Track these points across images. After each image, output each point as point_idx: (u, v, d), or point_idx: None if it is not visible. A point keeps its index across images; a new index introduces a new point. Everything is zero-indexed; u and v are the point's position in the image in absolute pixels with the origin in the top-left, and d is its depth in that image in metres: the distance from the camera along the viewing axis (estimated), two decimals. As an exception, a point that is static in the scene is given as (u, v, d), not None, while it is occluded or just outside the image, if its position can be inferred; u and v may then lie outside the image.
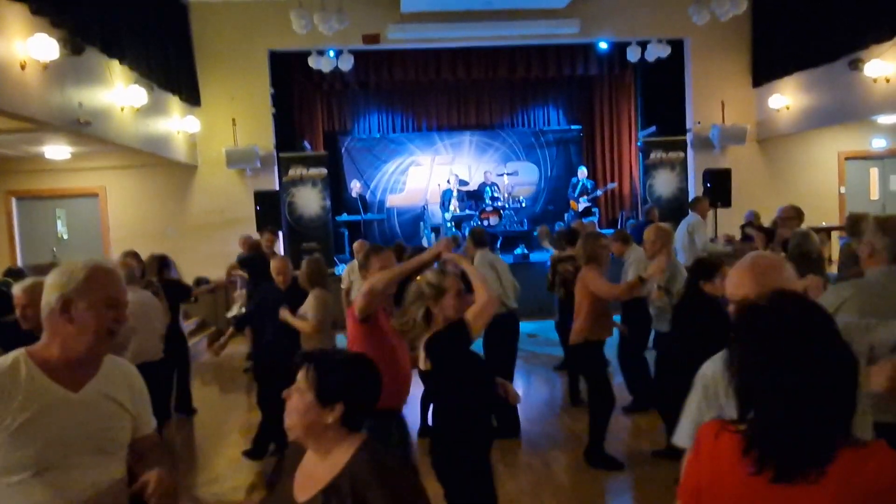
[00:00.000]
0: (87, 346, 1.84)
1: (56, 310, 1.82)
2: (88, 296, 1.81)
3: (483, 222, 12.72)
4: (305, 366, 1.71)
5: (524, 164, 14.37)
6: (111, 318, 1.85)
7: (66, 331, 1.83)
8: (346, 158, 14.08)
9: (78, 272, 1.83)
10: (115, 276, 1.88)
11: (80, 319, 1.82)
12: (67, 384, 1.84)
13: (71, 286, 1.82)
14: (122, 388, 1.96)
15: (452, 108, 14.44)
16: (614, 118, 14.24)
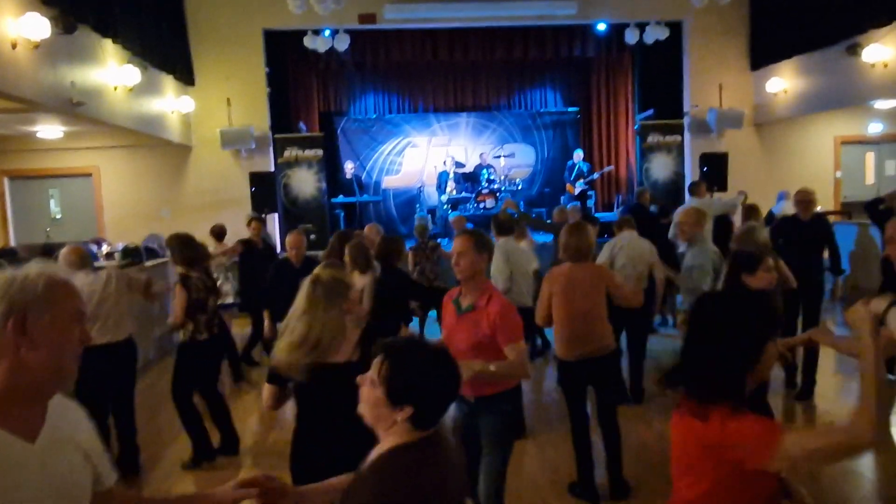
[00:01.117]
0: (51, 373, 1.48)
1: (6, 328, 1.44)
2: (51, 308, 1.47)
3: (479, 205, 12.78)
4: (381, 357, 1.64)
5: (521, 147, 14.37)
6: (79, 334, 1.53)
7: (20, 355, 1.45)
8: (342, 139, 14.07)
9: (34, 280, 1.49)
10: (75, 287, 1.57)
11: (43, 338, 1.46)
12: (20, 430, 1.45)
13: (27, 297, 1.46)
14: (81, 428, 1.61)
15: (449, 89, 14.38)
16: (611, 101, 14.20)
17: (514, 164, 13.81)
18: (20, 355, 1.45)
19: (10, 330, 1.44)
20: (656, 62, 12.39)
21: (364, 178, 13.61)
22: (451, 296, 3.23)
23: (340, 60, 12.74)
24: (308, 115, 13.30)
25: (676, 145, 12.09)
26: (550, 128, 14.46)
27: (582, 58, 13.52)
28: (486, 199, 12.85)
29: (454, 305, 3.16)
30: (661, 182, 12.09)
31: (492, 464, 3.14)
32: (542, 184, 14.36)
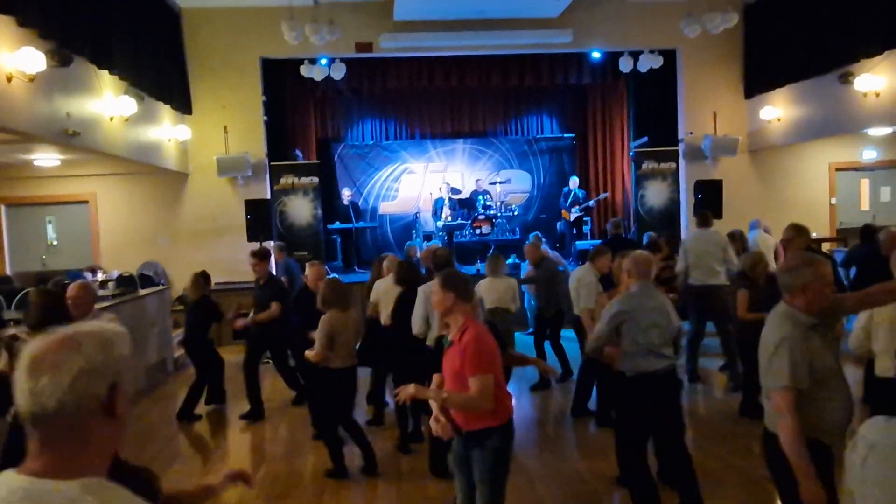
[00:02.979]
0: (116, 448, 1.36)
1: (101, 405, 1.28)
2: (129, 371, 1.35)
3: (475, 231, 12.84)
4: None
5: (517, 173, 14.38)
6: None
7: (105, 435, 1.30)
8: (339, 165, 14.07)
9: (122, 340, 1.35)
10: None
11: (122, 406, 1.31)
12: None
13: (120, 364, 1.31)
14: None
15: (445, 116, 14.44)
16: (607, 127, 14.24)
17: (510, 189, 13.82)
18: (106, 439, 1.30)
19: (103, 410, 1.28)
20: (651, 90, 12.42)
21: (361, 204, 13.62)
22: (441, 332, 3.46)
23: (337, 88, 12.79)
24: (305, 142, 13.33)
25: (671, 172, 12.12)
26: (546, 154, 14.48)
27: (577, 85, 13.55)
28: (483, 225, 12.90)
29: (444, 343, 3.34)
30: (657, 209, 12.09)
31: (483, 498, 3.21)
32: (538, 210, 14.36)
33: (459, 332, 3.18)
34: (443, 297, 3.23)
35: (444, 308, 3.24)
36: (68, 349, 1.26)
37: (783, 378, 2.76)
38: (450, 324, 3.26)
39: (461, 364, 3.12)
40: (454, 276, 3.34)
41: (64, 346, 1.26)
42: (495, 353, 3.15)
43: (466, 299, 3.24)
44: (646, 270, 4.16)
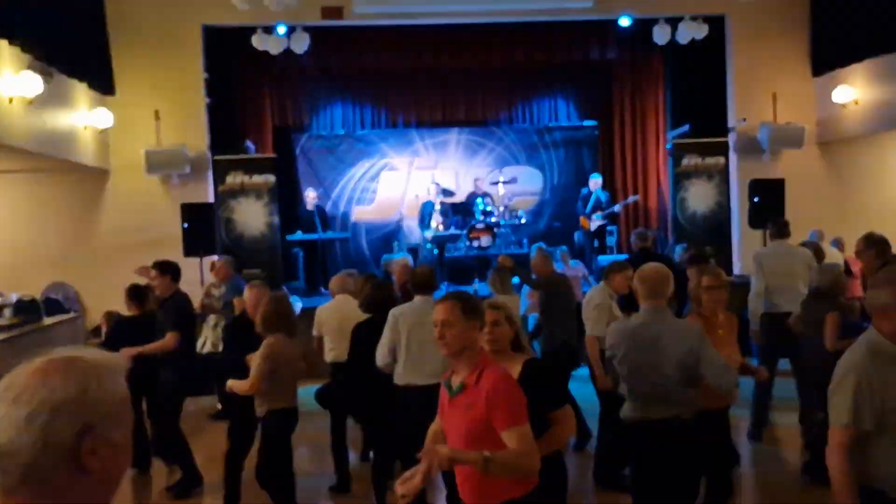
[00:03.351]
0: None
1: (66, 452, 1.32)
2: (122, 426, 1.39)
3: (472, 243, 12.70)
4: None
5: (524, 170, 14.36)
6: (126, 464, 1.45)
7: (76, 494, 1.34)
8: (302, 161, 14.08)
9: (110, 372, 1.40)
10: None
11: (98, 463, 1.34)
12: None
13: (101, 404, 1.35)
14: None
15: (435, 100, 14.42)
16: (638, 114, 14.22)
17: (515, 191, 13.75)
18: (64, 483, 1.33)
19: (70, 458, 1.32)
20: (693, 66, 12.40)
21: (329, 209, 13.61)
22: (444, 376, 3.33)
23: (299, 64, 12.70)
24: (258, 132, 13.26)
25: (719, 169, 12.02)
26: (561, 147, 14.49)
27: (600, 61, 13.53)
28: (482, 235, 12.66)
29: (446, 388, 3.25)
30: (701, 216, 11.99)
31: None
32: (550, 217, 14.35)
33: (475, 374, 3.11)
34: (465, 329, 3.13)
35: (465, 344, 3.14)
36: (36, 377, 1.33)
37: (843, 415, 2.94)
38: (459, 363, 3.18)
39: (484, 415, 3.03)
40: (472, 298, 3.29)
41: (35, 374, 1.33)
42: (524, 397, 3.12)
43: (481, 330, 3.26)
44: (655, 290, 4.19)
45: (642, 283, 4.22)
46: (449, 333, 3.12)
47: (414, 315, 5.40)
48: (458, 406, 3.13)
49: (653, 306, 4.15)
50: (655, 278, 4.19)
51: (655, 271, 4.25)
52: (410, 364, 5.25)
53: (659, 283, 4.18)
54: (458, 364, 3.19)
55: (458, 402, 3.14)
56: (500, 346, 3.52)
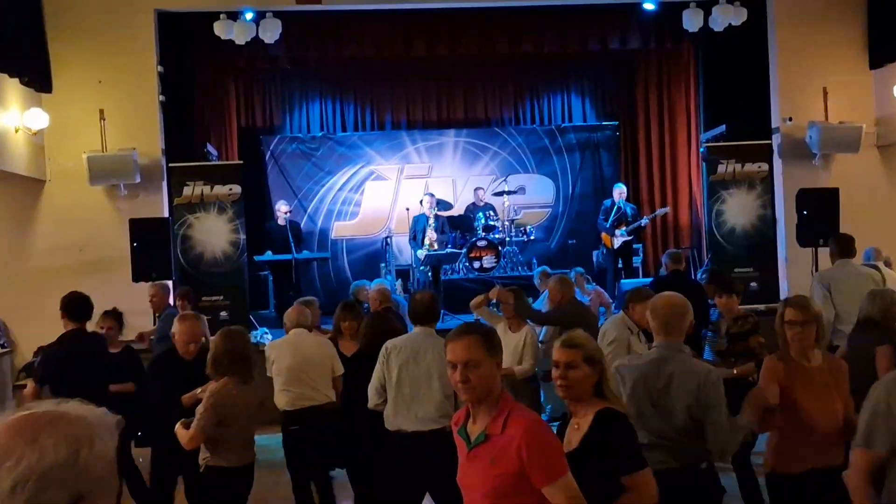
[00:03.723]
0: None
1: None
2: (112, 489, 1.43)
3: (472, 263, 12.72)
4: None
5: (533, 178, 14.45)
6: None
7: None
8: (273, 169, 14.13)
9: (105, 432, 1.44)
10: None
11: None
12: None
13: (95, 469, 1.39)
14: None
15: (429, 97, 14.49)
16: (665, 112, 14.24)
17: (523, 203, 13.76)
18: None
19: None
20: (730, 57, 12.38)
21: (304, 225, 13.58)
22: (455, 422, 3.36)
23: (270, 55, 12.71)
24: (222, 135, 13.30)
25: (762, 178, 11.94)
26: (577, 151, 14.50)
27: (622, 51, 13.52)
28: (484, 254, 12.72)
29: (462, 437, 3.26)
30: (741, 231, 11.88)
31: None
32: (564, 233, 14.36)
33: (500, 420, 3.13)
34: (489, 368, 3.16)
35: (491, 387, 3.16)
36: (21, 438, 1.33)
37: (858, 436, 3.31)
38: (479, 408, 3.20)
39: (515, 469, 3.04)
40: (493, 332, 3.34)
41: (17, 434, 1.34)
42: (560, 442, 3.23)
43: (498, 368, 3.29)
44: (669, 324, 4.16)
45: (654, 317, 4.21)
46: (474, 375, 3.09)
47: (409, 349, 5.38)
48: (479, 459, 3.13)
49: (666, 343, 4.12)
50: (668, 310, 4.16)
51: (669, 302, 4.23)
52: (402, 406, 5.23)
53: (673, 315, 4.14)
54: (476, 409, 3.19)
55: (480, 454, 3.13)
56: (576, 393, 3.49)
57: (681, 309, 4.18)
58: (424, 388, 5.24)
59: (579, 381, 3.46)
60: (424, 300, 5.70)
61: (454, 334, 3.24)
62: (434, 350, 5.23)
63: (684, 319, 4.16)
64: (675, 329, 4.14)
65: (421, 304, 5.64)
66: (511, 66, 14.17)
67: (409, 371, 5.25)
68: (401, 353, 5.34)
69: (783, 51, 11.89)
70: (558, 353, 3.45)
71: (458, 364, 3.13)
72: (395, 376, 5.23)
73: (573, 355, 3.47)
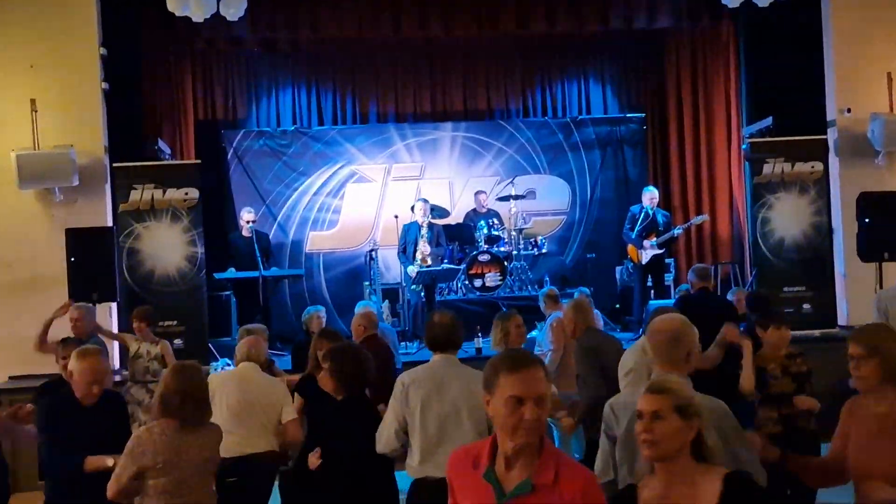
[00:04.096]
0: None
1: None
2: None
3: (472, 282, 12.76)
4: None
5: (545, 180, 14.50)
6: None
7: None
8: (236, 169, 14.12)
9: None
10: None
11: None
12: None
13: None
14: None
15: (422, 85, 14.54)
16: (701, 102, 14.32)
17: (533, 209, 13.85)
18: None
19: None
20: (776, 37, 12.40)
21: (274, 235, 13.70)
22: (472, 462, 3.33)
23: (233, 35, 12.75)
24: (176, 129, 13.35)
25: (815, 179, 11.93)
26: (597, 148, 14.54)
27: (650, 31, 13.62)
28: (487, 271, 12.77)
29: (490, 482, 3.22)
30: (791, 242, 11.85)
31: None
32: (582, 245, 14.41)
33: (550, 471, 3.17)
34: (545, 406, 3.18)
35: (541, 430, 3.18)
36: None
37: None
38: (515, 455, 3.20)
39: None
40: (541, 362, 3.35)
41: None
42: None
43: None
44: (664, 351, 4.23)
45: (649, 342, 4.32)
46: (543, 413, 3.13)
47: (430, 381, 5.37)
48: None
49: (665, 374, 4.08)
50: (659, 336, 4.22)
51: (660, 326, 4.28)
52: (428, 450, 5.23)
53: (663, 342, 4.19)
54: (518, 452, 3.17)
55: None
56: (665, 450, 3.37)
57: (672, 334, 4.19)
58: (452, 427, 5.23)
59: (668, 437, 3.33)
60: (445, 323, 5.62)
61: (521, 362, 3.22)
62: (460, 381, 5.28)
63: (677, 347, 4.16)
64: (668, 358, 4.16)
65: (441, 327, 5.59)
66: (518, 47, 14.19)
67: (433, 408, 5.25)
68: (420, 386, 5.30)
69: (840, 31, 11.87)
70: (642, 400, 3.40)
71: (530, 399, 3.11)
72: (419, 416, 5.23)
73: (660, 403, 3.37)
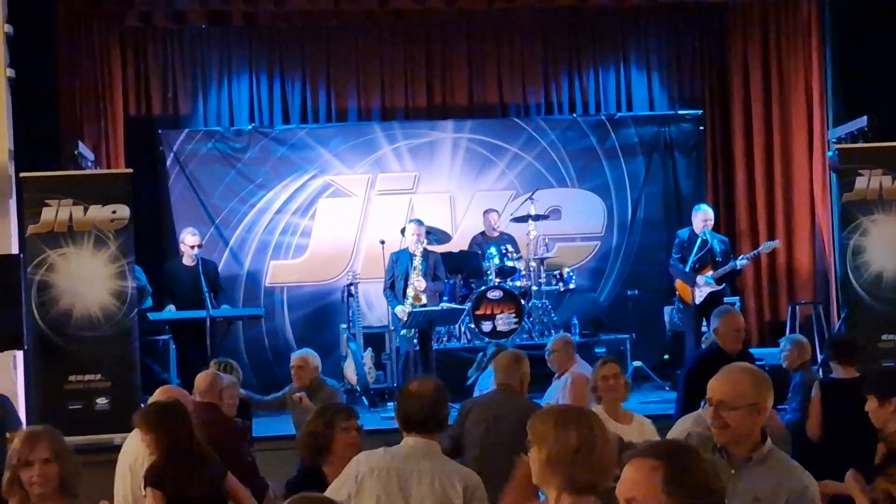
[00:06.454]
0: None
1: None
2: None
3: (481, 325, 12.81)
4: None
5: (574, 196, 14.65)
6: None
7: None
8: (177, 179, 14.21)
9: None
10: None
11: None
12: None
13: None
14: None
15: (416, 73, 14.73)
16: (774, 97, 14.38)
17: (557, 233, 14.11)
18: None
19: None
20: (871, 16, 12.47)
21: (224, 265, 13.82)
22: None
23: (175, 11, 13.00)
24: (101, 129, 13.48)
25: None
26: (640, 154, 14.67)
27: (709, 4, 13.85)
28: (498, 311, 12.89)
29: None
30: (891, 277, 11.84)
31: None
32: (620, 279, 14.52)
33: None
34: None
35: None
36: None
37: None
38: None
39: None
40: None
41: None
42: None
43: None
44: None
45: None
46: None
47: (394, 474, 5.28)
48: None
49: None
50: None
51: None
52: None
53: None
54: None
55: None
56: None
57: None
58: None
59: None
60: (425, 394, 5.47)
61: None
62: (431, 477, 5.19)
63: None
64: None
65: (419, 400, 5.43)
66: (540, 25, 14.33)
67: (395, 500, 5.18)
68: (379, 479, 5.23)
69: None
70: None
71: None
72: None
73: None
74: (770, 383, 4.78)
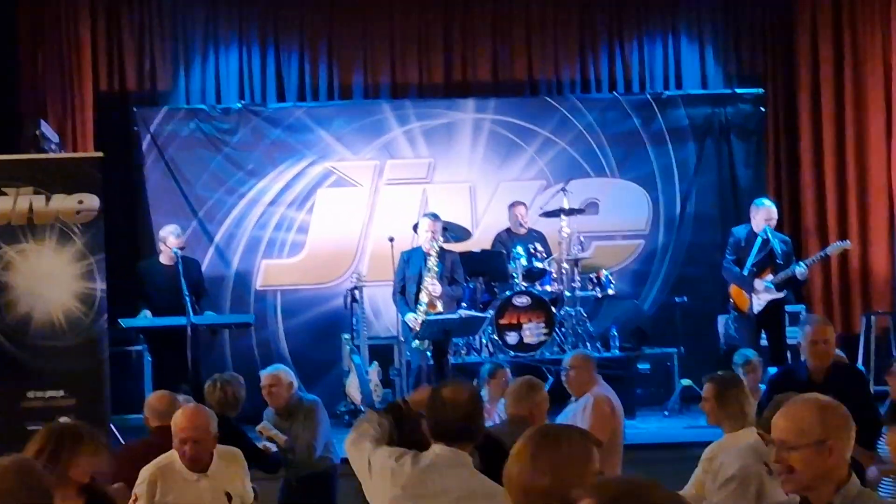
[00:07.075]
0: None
1: None
2: None
3: (505, 336, 12.80)
4: None
5: (614, 187, 14.73)
6: None
7: None
8: (155, 165, 14.24)
9: None
10: None
11: None
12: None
13: None
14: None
15: (432, 46, 14.86)
16: (847, 75, 14.52)
17: (595, 229, 14.15)
18: None
19: None
20: None
21: (208, 264, 13.87)
22: None
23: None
24: (67, 106, 13.54)
25: None
26: (691, 140, 14.73)
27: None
28: (526, 320, 12.79)
29: None
30: None
31: None
32: (668, 283, 14.56)
33: None
34: None
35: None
36: None
37: None
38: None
39: None
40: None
41: None
42: None
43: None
44: None
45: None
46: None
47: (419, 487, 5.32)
48: None
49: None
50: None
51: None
52: None
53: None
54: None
55: None
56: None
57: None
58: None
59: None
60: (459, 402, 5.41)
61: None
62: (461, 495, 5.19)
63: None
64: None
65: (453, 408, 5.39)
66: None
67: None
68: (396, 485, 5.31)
69: None
70: None
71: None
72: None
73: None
74: (846, 417, 4.43)
